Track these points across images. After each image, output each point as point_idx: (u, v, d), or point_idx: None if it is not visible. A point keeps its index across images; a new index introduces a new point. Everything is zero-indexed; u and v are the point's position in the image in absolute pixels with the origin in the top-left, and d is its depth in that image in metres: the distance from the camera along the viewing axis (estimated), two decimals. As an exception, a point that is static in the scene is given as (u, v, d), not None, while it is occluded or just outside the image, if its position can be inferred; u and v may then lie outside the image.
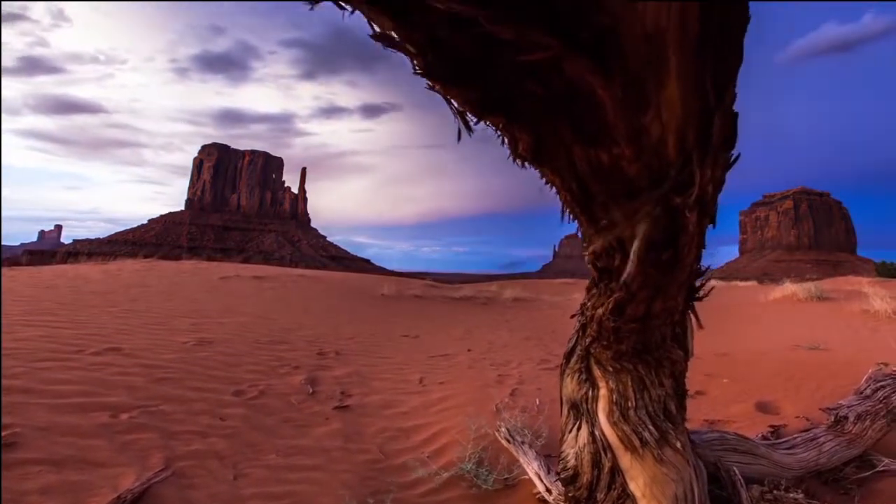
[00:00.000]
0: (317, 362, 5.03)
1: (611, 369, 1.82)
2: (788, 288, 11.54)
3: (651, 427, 1.77)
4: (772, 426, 3.08)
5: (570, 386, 1.99)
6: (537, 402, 3.98)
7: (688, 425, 3.73)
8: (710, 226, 1.50)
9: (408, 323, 8.45)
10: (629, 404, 1.79)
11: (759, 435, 2.92)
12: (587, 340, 1.84)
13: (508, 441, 2.83)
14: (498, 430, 3.00)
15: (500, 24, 0.47)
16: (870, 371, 3.13)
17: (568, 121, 0.64)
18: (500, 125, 0.65)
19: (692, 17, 0.51)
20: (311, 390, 4.12)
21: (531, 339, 7.60)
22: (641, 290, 1.33)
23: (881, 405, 2.71)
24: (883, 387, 2.85)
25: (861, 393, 2.88)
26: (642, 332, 1.64)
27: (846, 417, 2.61)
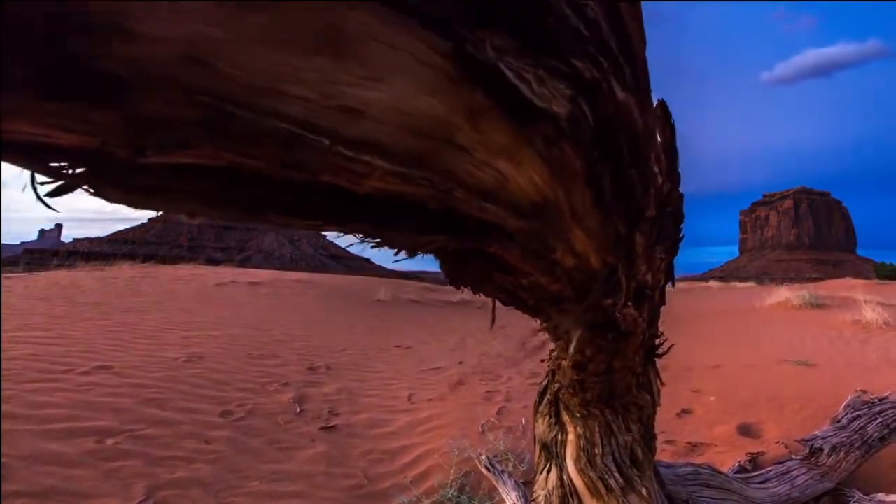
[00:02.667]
0: (307, 378, 5.06)
1: (578, 415, 1.85)
2: (783, 294, 11.56)
3: (617, 474, 1.80)
4: (750, 454, 3.11)
5: (542, 427, 2.02)
6: (523, 423, 4.01)
7: (671, 448, 3.77)
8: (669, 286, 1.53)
9: (401, 331, 8.48)
10: (596, 451, 1.82)
11: (737, 464, 2.95)
12: (556, 386, 1.87)
13: (488, 470, 2.86)
14: (479, 458, 3.03)
15: (398, 238, 0.50)
16: (848, 398, 3.16)
17: (481, 260, 0.67)
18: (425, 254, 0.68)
19: (578, 188, 0.54)
20: (298, 409, 4.15)
21: (524, 348, 7.64)
22: (597, 355, 1.36)
23: (856, 436, 2.74)
24: (859, 416, 2.88)
25: (838, 422, 2.91)
26: (607, 382, 1.67)
27: (821, 449, 2.63)
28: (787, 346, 6.77)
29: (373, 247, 0.53)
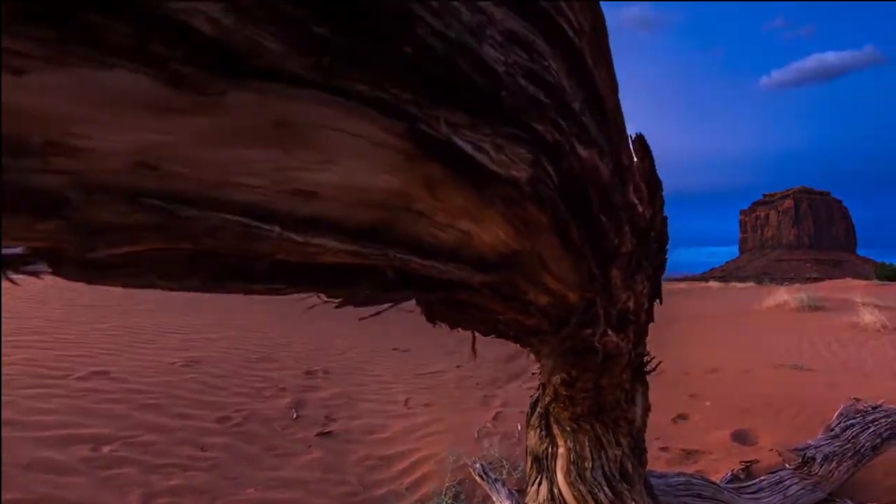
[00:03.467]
0: (304, 382, 5.07)
1: (569, 429, 1.86)
2: (781, 296, 11.57)
3: (606, 488, 1.81)
4: (743, 462, 3.13)
5: (533, 439, 2.03)
6: (518, 428, 4.02)
7: (666, 455, 3.78)
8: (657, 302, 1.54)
9: (400, 333, 8.48)
10: (586, 464, 1.83)
11: (730, 472, 2.96)
12: (546, 399, 1.88)
13: (482, 478, 2.87)
14: (473, 467, 3.04)
15: (361, 298, 0.52)
16: (841, 406, 3.17)
17: (454, 303, 0.68)
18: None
19: (546, 239, 0.55)
20: (295, 415, 4.16)
21: (523, 352, 7.64)
22: (583, 374, 1.37)
23: (849, 445, 2.75)
24: (852, 425, 2.89)
25: (831, 431, 2.92)
26: (595, 398, 1.68)
27: (813, 458, 2.64)
28: (784, 349, 6.78)
29: (336, 306, 0.54)
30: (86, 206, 0.26)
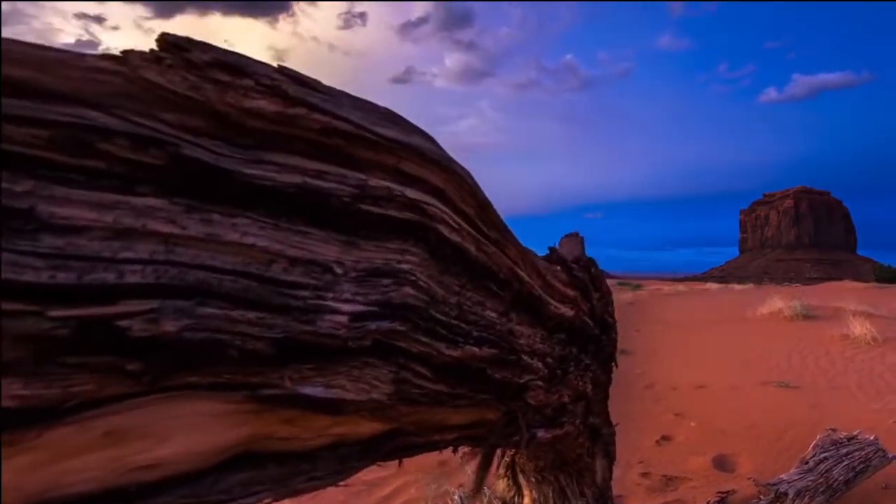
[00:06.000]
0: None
1: (534, 479, 1.89)
2: (776, 304, 11.59)
3: (569, 540, 1.84)
4: (720, 493, 3.16)
5: (501, 487, 2.07)
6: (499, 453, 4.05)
7: (647, 482, 3.81)
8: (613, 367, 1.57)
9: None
10: (550, 515, 1.86)
11: (705, 505, 2.99)
12: (512, 450, 1.91)
13: (460, 511, 2.90)
14: (451, 497, 3.08)
15: None
16: (818, 437, 3.20)
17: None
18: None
19: (435, 409, 0.58)
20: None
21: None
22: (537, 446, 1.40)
23: (822, 479, 2.78)
24: (826, 458, 2.92)
25: (805, 464, 2.95)
26: (557, 453, 1.71)
27: (786, 494, 2.67)
28: (774, 364, 6.81)
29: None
30: None
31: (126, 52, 0.35)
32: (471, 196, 0.57)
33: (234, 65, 0.38)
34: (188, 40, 0.35)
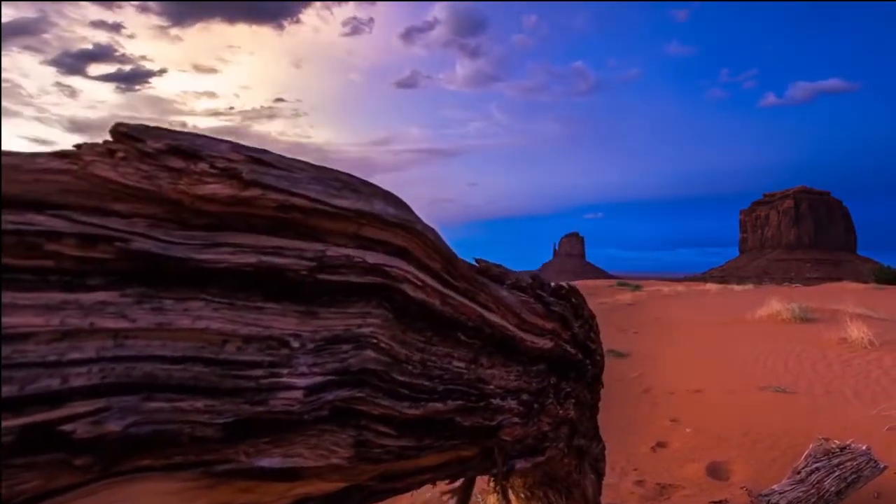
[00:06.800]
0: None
1: (523, 496, 1.90)
2: (774, 306, 11.59)
3: (558, 557, 1.85)
4: (712, 503, 3.17)
5: (492, 501, 2.08)
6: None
7: (641, 490, 3.82)
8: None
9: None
10: (539, 532, 1.87)
11: (697, 516, 3.00)
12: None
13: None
14: (445, 508, 3.08)
15: None
16: (811, 447, 3.21)
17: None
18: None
19: (396, 462, 0.59)
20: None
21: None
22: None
23: (813, 490, 2.79)
24: (818, 469, 2.93)
25: (798, 473, 2.96)
26: (545, 471, 1.72)
27: (777, 505, 2.68)
28: (770, 368, 6.82)
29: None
30: None
31: (78, 148, 0.36)
32: (436, 252, 0.58)
33: (189, 149, 0.39)
34: (143, 129, 0.36)
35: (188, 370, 0.37)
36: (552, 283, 1.16)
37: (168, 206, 0.37)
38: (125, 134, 0.36)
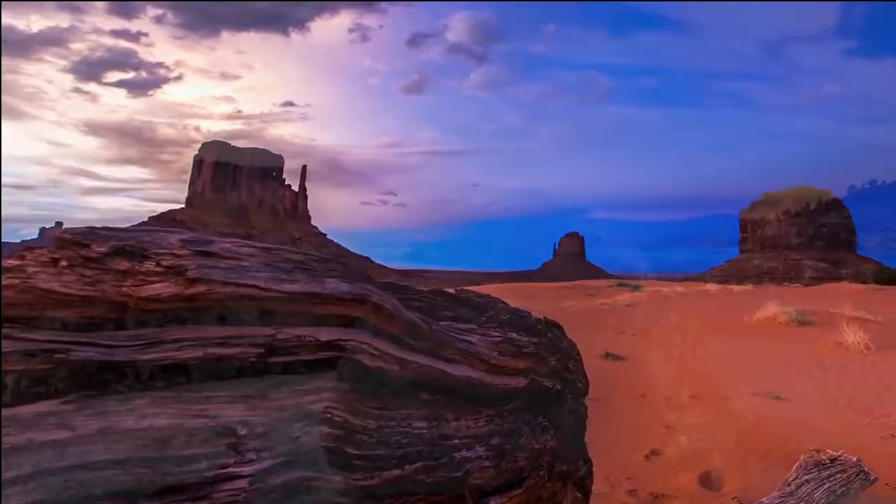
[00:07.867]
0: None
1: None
2: (771, 309, 11.58)
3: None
4: (702, 515, 3.18)
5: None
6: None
7: (633, 500, 3.83)
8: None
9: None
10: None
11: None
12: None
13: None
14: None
15: None
16: (801, 458, 3.21)
17: None
18: None
19: None
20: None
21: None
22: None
23: (802, 503, 2.80)
24: (808, 481, 2.93)
25: (787, 486, 2.96)
26: (528, 495, 1.74)
27: (766, 519, 2.69)
28: (766, 374, 6.82)
29: None
30: None
31: (22, 258, 0.38)
32: (394, 319, 0.59)
33: (135, 250, 0.40)
34: (89, 232, 0.38)
35: (129, 473, 0.38)
36: (531, 316, 1.17)
37: (113, 308, 0.39)
38: (70, 241, 0.37)
